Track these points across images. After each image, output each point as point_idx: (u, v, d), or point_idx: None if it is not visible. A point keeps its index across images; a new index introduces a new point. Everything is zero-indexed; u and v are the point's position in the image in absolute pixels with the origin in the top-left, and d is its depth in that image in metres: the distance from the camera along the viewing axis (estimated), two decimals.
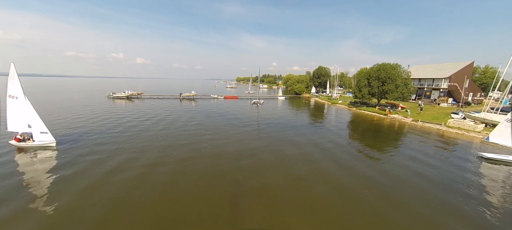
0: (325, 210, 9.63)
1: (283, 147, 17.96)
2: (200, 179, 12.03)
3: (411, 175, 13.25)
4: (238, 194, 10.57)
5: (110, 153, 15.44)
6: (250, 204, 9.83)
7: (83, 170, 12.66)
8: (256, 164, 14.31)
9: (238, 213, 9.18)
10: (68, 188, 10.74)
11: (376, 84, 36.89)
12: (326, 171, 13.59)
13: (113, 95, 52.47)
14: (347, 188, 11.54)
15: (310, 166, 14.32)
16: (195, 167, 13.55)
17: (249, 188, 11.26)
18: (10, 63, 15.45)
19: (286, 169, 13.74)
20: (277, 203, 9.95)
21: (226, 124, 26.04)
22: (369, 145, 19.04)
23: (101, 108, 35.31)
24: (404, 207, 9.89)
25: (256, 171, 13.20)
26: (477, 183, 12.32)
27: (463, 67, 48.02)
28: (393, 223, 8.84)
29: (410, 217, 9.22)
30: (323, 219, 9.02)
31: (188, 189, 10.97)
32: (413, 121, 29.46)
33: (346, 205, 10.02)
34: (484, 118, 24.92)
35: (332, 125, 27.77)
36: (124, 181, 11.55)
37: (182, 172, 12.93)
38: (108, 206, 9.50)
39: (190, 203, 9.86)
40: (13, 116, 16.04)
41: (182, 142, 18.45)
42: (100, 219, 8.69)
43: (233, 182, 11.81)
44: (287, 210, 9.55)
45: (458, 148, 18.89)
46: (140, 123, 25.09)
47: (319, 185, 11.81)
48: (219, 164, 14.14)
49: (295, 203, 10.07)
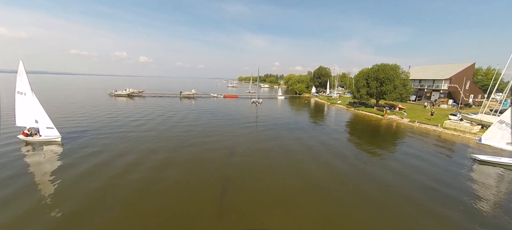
0: (303, 210, 9.60)
1: (276, 150, 18.08)
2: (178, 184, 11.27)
3: (399, 176, 13.23)
4: (221, 207, 9.61)
5: (110, 148, 16.19)
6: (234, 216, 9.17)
7: (86, 164, 13.36)
8: (245, 172, 13.07)
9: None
10: (71, 182, 11.39)
11: (374, 85, 37.13)
12: (314, 176, 13.28)
13: (114, 93, 53.47)
14: (328, 188, 11.49)
15: (298, 170, 14.51)
16: (174, 173, 12.40)
17: (233, 198, 10.46)
18: (19, 61, 16.12)
19: (273, 174, 12.97)
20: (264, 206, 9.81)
21: (222, 124, 26.12)
22: (365, 147, 18.90)
23: (103, 106, 36.30)
24: (384, 210, 9.83)
25: (246, 178, 12.31)
26: (467, 186, 12.17)
27: (464, 68, 47.81)
28: (372, 226, 8.73)
29: (389, 220, 9.09)
30: (304, 217, 9.27)
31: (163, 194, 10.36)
32: (410, 122, 29.74)
33: (326, 206, 10.03)
34: (480, 119, 25.07)
35: (329, 126, 28.17)
36: (128, 180, 11.71)
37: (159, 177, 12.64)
38: (114, 203, 9.59)
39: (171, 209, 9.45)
40: (21, 111, 16.79)
41: (167, 143, 17.70)
42: (103, 217, 8.74)
43: (218, 193, 10.58)
44: (268, 209, 9.98)
45: (453, 150, 19.06)
46: (138, 120, 25.95)
47: (301, 185, 12.09)
48: (201, 172, 12.83)
49: (279, 203, 10.25)
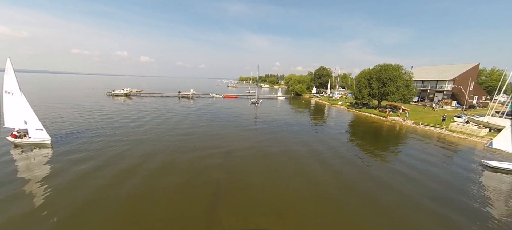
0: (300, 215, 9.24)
1: (277, 153, 17.47)
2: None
3: (405, 182, 12.64)
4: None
5: (102, 152, 15.42)
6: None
7: (75, 170, 12.62)
8: (242, 184, 11.66)
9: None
10: (58, 189, 10.71)
11: (376, 85, 36.28)
12: (320, 179, 13.18)
13: (111, 93, 52.87)
14: (332, 193, 11.15)
15: (301, 172, 13.99)
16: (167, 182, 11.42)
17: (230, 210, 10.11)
18: (8, 59, 15.35)
19: (277, 186, 11.65)
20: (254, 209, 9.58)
21: (220, 125, 25.45)
22: (367, 150, 18.35)
23: (99, 106, 35.38)
24: (391, 218, 9.28)
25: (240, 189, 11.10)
26: (481, 196, 11.36)
27: (468, 69, 46.87)
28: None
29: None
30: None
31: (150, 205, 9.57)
32: (414, 124, 28.85)
33: (327, 211, 9.65)
34: (488, 122, 24.16)
35: (330, 127, 27.39)
36: (120, 188, 10.92)
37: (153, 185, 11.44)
38: (104, 214, 8.94)
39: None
40: (9, 112, 16.08)
41: (160, 147, 16.84)
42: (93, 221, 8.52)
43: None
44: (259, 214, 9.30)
45: (460, 154, 18.15)
46: (134, 122, 25.17)
47: (304, 191, 11.48)
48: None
49: (271, 208, 9.80)
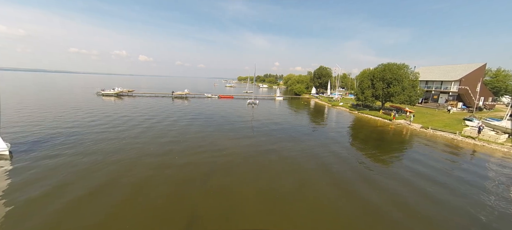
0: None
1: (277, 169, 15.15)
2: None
3: (419, 201, 10.59)
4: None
5: (74, 163, 12.81)
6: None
7: (38, 187, 10.11)
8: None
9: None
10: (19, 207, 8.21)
11: (380, 86, 33.86)
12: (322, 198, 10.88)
13: (101, 92, 50.26)
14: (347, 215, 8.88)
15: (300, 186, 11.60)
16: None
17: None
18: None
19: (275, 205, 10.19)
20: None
21: (211, 134, 22.96)
22: (371, 157, 16.36)
23: (85, 107, 32.67)
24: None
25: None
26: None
27: (474, 69, 44.67)
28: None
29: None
30: None
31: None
32: (422, 128, 26.48)
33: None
34: (506, 127, 21.81)
35: (331, 131, 24.93)
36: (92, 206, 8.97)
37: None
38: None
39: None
40: None
41: (140, 154, 14.99)
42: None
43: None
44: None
45: (482, 165, 15.85)
46: (118, 126, 22.55)
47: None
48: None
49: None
